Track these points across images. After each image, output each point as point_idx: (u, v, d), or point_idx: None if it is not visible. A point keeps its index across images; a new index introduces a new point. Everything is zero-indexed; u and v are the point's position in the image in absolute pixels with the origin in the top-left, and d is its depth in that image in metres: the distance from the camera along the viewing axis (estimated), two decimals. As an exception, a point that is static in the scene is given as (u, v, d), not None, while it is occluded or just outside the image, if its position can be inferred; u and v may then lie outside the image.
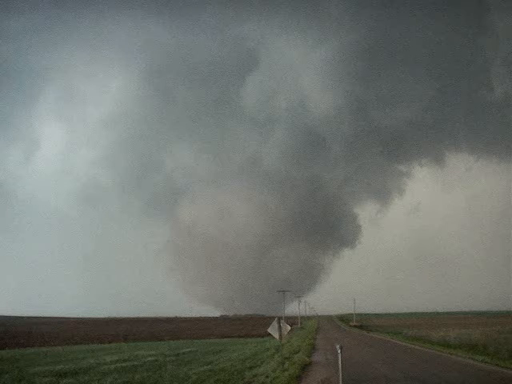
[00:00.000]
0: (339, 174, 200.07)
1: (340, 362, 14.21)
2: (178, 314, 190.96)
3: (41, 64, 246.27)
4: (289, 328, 20.33)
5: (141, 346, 41.11)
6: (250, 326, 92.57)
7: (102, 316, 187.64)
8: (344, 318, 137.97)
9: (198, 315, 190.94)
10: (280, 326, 19.68)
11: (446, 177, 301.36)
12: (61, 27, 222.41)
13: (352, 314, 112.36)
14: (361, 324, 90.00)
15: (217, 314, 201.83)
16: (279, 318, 20.11)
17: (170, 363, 24.10)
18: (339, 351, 14.24)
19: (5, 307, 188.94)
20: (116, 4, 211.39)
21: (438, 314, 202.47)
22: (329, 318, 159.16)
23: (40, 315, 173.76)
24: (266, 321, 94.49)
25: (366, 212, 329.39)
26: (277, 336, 19.90)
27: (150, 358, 26.64)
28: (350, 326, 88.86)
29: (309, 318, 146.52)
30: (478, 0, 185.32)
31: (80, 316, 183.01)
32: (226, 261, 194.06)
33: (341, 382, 13.94)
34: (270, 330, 20.17)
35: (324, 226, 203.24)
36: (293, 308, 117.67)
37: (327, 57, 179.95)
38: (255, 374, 18.35)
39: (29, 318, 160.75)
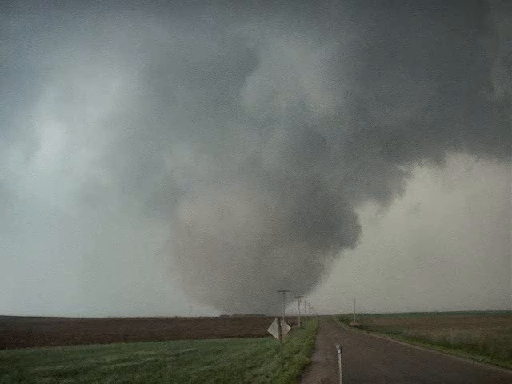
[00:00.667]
0: (339, 174, 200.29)
1: (340, 362, 14.21)
2: (178, 314, 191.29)
3: (41, 64, 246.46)
4: (289, 328, 20.32)
5: (141, 346, 41.11)
6: (250, 326, 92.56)
7: (102, 316, 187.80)
8: (344, 318, 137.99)
9: (198, 315, 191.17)
10: (280, 326, 19.67)
11: (446, 177, 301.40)
12: (61, 27, 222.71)
13: (352, 314, 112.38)
14: (361, 324, 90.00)
15: (217, 314, 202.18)
16: (279, 318, 20.10)
17: (170, 363, 24.10)
18: (339, 351, 14.24)
19: (5, 307, 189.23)
20: (116, 4, 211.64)
21: (438, 313, 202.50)
22: (329, 318, 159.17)
23: (40, 315, 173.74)
24: (266, 321, 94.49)
25: (366, 212, 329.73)
26: (277, 336, 19.89)
27: (150, 358, 26.63)
28: (350, 325, 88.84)
29: (309, 317, 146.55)
30: (477, 0, 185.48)
31: (80, 316, 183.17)
32: (226, 261, 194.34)
33: (341, 381, 13.94)
34: (269, 330, 20.17)
35: (324, 226, 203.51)
36: (293, 308, 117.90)
37: (327, 57, 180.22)
38: (255, 374, 18.35)
39: (29, 317, 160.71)
